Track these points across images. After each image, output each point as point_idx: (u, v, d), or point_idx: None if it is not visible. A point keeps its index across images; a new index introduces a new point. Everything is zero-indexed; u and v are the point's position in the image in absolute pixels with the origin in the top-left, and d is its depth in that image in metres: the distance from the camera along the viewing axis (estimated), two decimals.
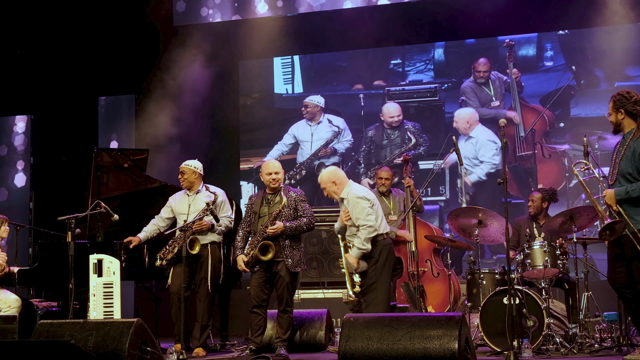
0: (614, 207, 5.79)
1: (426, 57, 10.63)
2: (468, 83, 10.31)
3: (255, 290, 6.99)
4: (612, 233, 5.77)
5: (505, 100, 10.16)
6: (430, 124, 10.39)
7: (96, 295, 7.11)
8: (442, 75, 10.51)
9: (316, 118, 10.74)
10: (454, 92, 10.38)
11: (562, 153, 10.00)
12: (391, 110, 10.36)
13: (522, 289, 6.83)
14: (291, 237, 6.96)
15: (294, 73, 11.04)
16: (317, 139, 10.69)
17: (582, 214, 7.07)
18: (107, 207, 7.63)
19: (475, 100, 10.21)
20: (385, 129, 10.44)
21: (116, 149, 10.38)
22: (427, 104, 10.43)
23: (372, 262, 6.55)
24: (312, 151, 10.64)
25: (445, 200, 10.27)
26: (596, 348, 6.78)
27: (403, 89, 10.53)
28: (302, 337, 7.45)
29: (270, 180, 7.04)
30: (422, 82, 10.52)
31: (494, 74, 10.21)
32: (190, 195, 7.48)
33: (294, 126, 10.89)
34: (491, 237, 7.45)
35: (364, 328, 5.15)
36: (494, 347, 6.75)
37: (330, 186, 6.73)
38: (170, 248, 7.27)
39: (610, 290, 6.92)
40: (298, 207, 7.02)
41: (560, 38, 10.23)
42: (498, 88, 10.18)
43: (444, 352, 4.94)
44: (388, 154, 10.37)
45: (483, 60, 10.24)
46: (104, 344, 5.55)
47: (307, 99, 10.83)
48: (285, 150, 10.86)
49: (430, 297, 7.78)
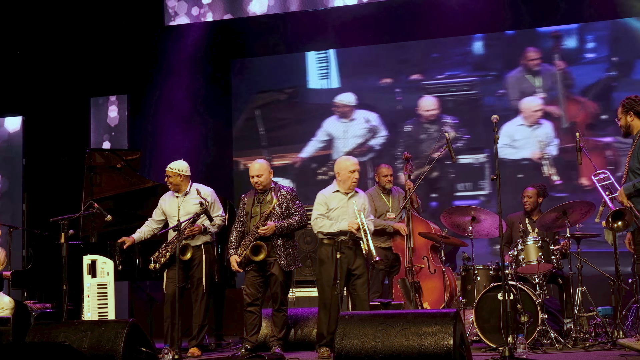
0: (626, 202, 5.94)
1: (464, 50, 10.51)
2: (513, 73, 10.15)
3: (249, 289, 6.99)
4: (624, 224, 5.89)
5: (550, 93, 10.05)
6: (469, 118, 10.28)
7: (90, 296, 7.10)
8: (479, 69, 10.38)
9: (348, 115, 10.65)
10: (492, 85, 10.24)
11: (605, 145, 9.84)
12: (428, 104, 10.25)
13: (516, 284, 6.84)
14: (284, 236, 6.95)
15: (329, 67, 10.87)
16: (351, 136, 10.58)
17: (575, 209, 7.09)
18: (101, 208, 7.61)
19: (516, 92, 10.09)
20: (422, 124, 10.35)
21: (109, 150, 10.36)
22: (465, 97, 10.32)
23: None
24: (347, 148, 10.52)
25: (485, 195, 10.20)
26: (590, 343, 6.79)
27: (440, 82, 10.40)
28: (297, 336, 7.45)
29: (254, 183, 7.05)
30: (459, 76, 10.40)
31: (544, 65, 10.08)
32: (179, 197, 7.44)
33: (326, 122, 10.78)
34: (485, 231, 7.47)
35: (359, 326, 5.15)
36: (489, 343, 6.77)
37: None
38: (163, 252, 7.26)
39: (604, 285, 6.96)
40: (289, 205, 7.01)
41: (602, 29, 10.08)
42: (544, 80, 10.06)
43: (439, 349, 4.94)
44: (426, 148, 10.21)
45: (532, 49, 10.10)
46: (98, 344, 5.55)
47: (337, 98, 10.71)
48: (320, 146, 10.77)
49: (427, 293, 7.79)
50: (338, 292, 6.66)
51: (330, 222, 6.84)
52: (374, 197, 8.16)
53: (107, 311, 7.10)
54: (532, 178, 9.59)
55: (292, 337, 7.42)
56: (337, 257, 6.69)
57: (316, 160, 10.88)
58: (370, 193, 8.20)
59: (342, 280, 6.74)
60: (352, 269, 6.83)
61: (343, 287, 6.80)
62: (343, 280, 6.77)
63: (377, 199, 8.15)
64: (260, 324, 7.08)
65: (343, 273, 6.74)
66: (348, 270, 6.82)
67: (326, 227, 6.83)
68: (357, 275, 6.85)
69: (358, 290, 6.85)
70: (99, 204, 7.69)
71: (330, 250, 6.79)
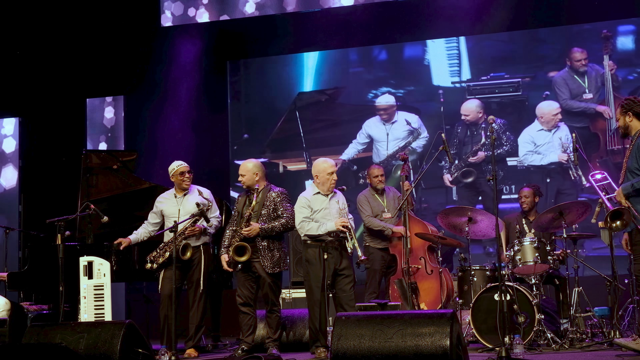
0: (624, 202, 5.95)
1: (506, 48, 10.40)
2: (561, 73, 10.05)
3: (241, 289, 7.03)
4: (622, 224, 5.91)
5: (599, 93, 9.94)
6: (514, 119, 10.17)
7: (87, 298, 7.09)
8: (524, 70, 10.23)
9: (390, 118, 10.61)
10: (538, 86, 10.12)
11: None
12: (471, 108, 10.18)
13: (513, 285, 6.85)
14: (269, 237, 6.96)
15: (460, 60, 10.58)
16: (393, 138, 10.49)
17: (571, 209, 7.10)
18: (97, 209, 7.60)
19: (566, 91, 9.97)
20: (468, 126, 10.27)
21: (105, 151, 10.36)
22: (510, 99, 10.23)
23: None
24: (389, 151, 10.44)
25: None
26: (587, 343, 6.80)
27: (484, 84, 10.27)
28: (294, 337, 7.45)
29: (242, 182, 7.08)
30: (503, 77, 10.27)
31: (591, 65, 9.97)
32: (179, 197, 7.45)
33: (367, 124, 10.69)
34: (482, 232, 7.48)
35: (356, 326, 5.15)
36: (485, 343, 6.77)
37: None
38: (161, 252, 7.24)
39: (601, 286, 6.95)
40: (278, 207, 7.01)
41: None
42: (593, 80, 9.96)
43: (436, 349, 4.94)
44: (469, 151, 10.17)
45: (578, 50, 9.98)
46: (95, 346, 5.54)
47: (377, 101, 10.60)
48: (360, 148, 10.69)
49: (424, 294, 7.79)
50: (328, 292, 6.67)
51: (317, 224, 6.82)
52: (369, 198, 8.16)
53: (104, 312, 7.09)
54: (560, 182, 9.60)
55: (290, 338, 7.43)
56: (324, 258, 6.69)
57: (357, 163, 10.79)
58: (364, 194, 8.21)
59: (330, 281, 6.76)
60: (338, 269, 6.84)
61: (331, 287, 6.82)
62: (330, 281, 6.78)
63: (372, 200, 8.15)
64: (255, 324, 7.08)
65: (330, 273, 6.75)
66: (335, 271, 6.82)
67: (313, 230, 6.81)
68: (344, 275, 6.86)
69: (345, 289, 6.85)
70: (96, 205, 7.68)
71: (317, 252, 6.79)
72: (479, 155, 9.39)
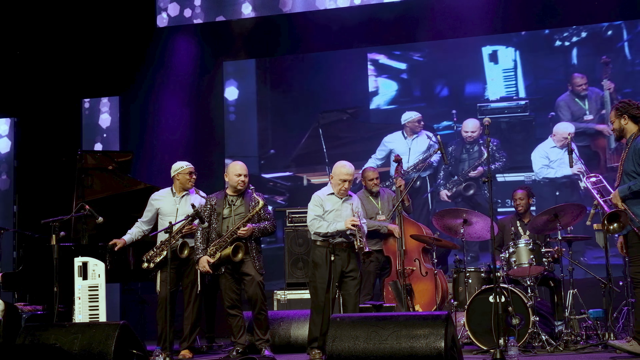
0: (620, 205, 5.94)
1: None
2: (563, 97, 10.25)
3: (228, 293, 6.99)
4: (620, 226, 5.90)
5: (599, 115, 10.13)
6: (521, 138, 10.39)
7: (81, 298, 7.08)
8: (531, 92, 10.49)
9: (415, 131, 10.59)
10: (544, 107, 10.34)
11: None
12: (469, 126, 10.32)
13: (507, 287, 6.85)
14: (255, 240, 7.00)
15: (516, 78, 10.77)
16: (415, 152, 10.50)
17: (566, 211, 7.11)
18: (92, 210, 7.59)
19: (567, 114, 10.18)
20: (465, 144, 10.42)
21: (100, 151, 10.34)
22: (518, 119, 10.44)
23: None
24: (410, 164, 10.40)
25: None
26: (582, 345, 6.81)
27: (490, 105, 10.53)
28: (289, 338, 7.44)
29: (239, 182, 7.05)
30: (512, 99, 10.50)
31: (591, 89, 10.16)
32: (177, 196, 7.43)
33: (387, 138, 10.71)
34: (477, 233, 7.48)
35: (351, 328, 5.15)
36: (480, 345, 6.77)
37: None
38: (157, 251, 7.22)
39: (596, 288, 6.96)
40: (261, 211, 7.04)
41: None
42: (593, 102, 10.15)
43: (431, 351, 4.95)
44: (466, 167, 10.33)
45: (578, 75, 10.19)
46: (89, 347, 5.54)
47: (405, 117, 10.59)
48: (379, 163, 10.65)
49: (418, 296, 7.79)
50: (334, 294, 6.67)
51: (327, 223, 6.83)
52: (363, 201, 8.16)
53: (98, 313, 7.08)
54: (568, 195, 9.78)
55: (284, 339, 7.41)
56: (331, 260, 6.69)
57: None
58: (359, 197, 8.21)
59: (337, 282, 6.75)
60: (345, 271, 6.82)
61: (339, 289, 6.81)
62: (338, 283, 6.78)
63: (366, 202, 8.15)
64: (245, 324, 7.07)
65: (337, 275, 6.75)
66: (342, 273, 6.82)
67: (323, 228, 6.81)
68: (351, 277, 6.84)
69: (351, 292, 6.85)
70: (90, 206, 7.66)
71: (324, 253, 6.79)
72: (479, 170, 9.90)
